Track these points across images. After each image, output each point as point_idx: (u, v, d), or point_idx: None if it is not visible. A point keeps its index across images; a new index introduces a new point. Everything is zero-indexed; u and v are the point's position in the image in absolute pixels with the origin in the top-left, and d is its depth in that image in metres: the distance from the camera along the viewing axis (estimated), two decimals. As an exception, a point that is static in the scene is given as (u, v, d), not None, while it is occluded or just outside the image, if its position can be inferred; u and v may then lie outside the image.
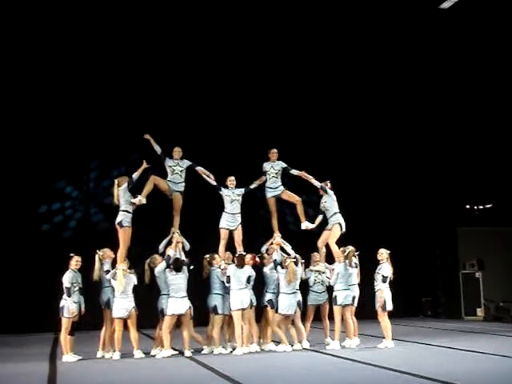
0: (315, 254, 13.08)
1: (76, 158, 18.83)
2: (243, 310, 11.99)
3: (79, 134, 18.69)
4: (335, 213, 13.05)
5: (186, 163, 12.92)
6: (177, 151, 12.94)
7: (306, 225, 13.14)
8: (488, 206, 20.26)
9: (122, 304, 11.65)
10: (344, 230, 13.02)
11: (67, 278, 11.57)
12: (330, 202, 13.07)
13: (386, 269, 12.33)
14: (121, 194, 12.20)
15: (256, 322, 12.49)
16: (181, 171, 12.82)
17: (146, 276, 12.16)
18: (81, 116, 18.57)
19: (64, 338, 11.62)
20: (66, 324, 11.58)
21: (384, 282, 12.29)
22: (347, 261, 12.45)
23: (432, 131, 19.51)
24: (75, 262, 11.73)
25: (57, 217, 18.88)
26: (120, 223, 12.11)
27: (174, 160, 12.88)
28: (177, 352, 11.87)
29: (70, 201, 19.03)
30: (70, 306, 11.50)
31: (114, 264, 12.06)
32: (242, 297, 12.00)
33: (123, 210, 12.12)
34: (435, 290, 19.64)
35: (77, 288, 11.63)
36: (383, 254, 12.43)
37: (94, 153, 19.15)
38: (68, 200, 19.01)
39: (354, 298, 12.57)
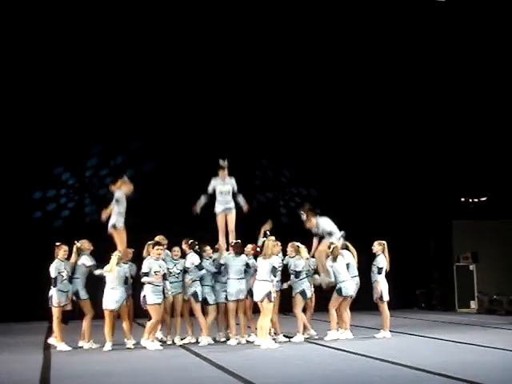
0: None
1: (75, 144, 18.68)
2: (239, 300, 12.00)
3: (79, 121, 18.48)
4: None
5: None
6: None
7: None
8: (483, 198, 20.29)
9: (113, 296, 11.53)
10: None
11: (53, 268, 11.59)
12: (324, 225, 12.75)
13: (380, 260, 12.46)
14: (119, 196, 12.00)
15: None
16: None
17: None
18: (81, 101, 18.38)
19: (57, 326, 11.62)
20: (56, 313, 11.61)
21: (379, 273, 12.43)
22: (331, 256, 12.38)
23: (428, 124, 19.50)
24: (63, 251, 11.70)
25: (50, 204, 18.79)
26: (114, 225, 11.93)
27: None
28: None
29: (65, 189, 18.94)
30: (54, 295, 11.53)
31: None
32: (239, 287, 11.97)
33: (117, 213, 11.93)
34: (429, 282, 19.68)
35: (65, 277, 11.63)
36: (375, 246, 12.60)
37: (93, 140, 19.01)
38: (63, 188, 18.92)
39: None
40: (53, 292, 11.59)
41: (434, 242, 19.77)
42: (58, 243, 11.84)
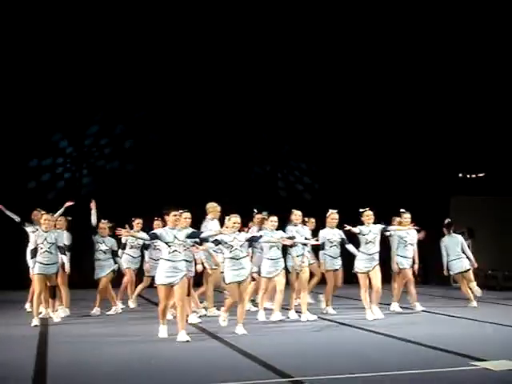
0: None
1: (75, 111, 18.47)
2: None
3: (80, 86, 18.16)
4: None
5: None
6: None
7: None
8: (481, 175, 20.34)
9: (171, 268, 9.23)
10: None
11: (32, 239, 11.38)
12: None
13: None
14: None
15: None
16: None
17: None
18: (83, 66, 18.07)
19: (33, 296, 11.25)
20: (34, 282, 11.23)
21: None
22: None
23: (430, 99, 19.50)
24: (43, 220, 11.05)
25: (45, 174, 18.61)
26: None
27: None
28: None
29: (63, 157, 18.79)
30: (32, 264, 11.20)
31: None
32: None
33: None
34: (425, 256, 19.75)
35: (45, 249, 10.93)
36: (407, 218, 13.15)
37: (94, 107, 18.82)
38: (61, 157, 18.78)
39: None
40: (31, 262, 11.33)
41: (431, 217, 19.82)
42: (39, 211, 11.50)
